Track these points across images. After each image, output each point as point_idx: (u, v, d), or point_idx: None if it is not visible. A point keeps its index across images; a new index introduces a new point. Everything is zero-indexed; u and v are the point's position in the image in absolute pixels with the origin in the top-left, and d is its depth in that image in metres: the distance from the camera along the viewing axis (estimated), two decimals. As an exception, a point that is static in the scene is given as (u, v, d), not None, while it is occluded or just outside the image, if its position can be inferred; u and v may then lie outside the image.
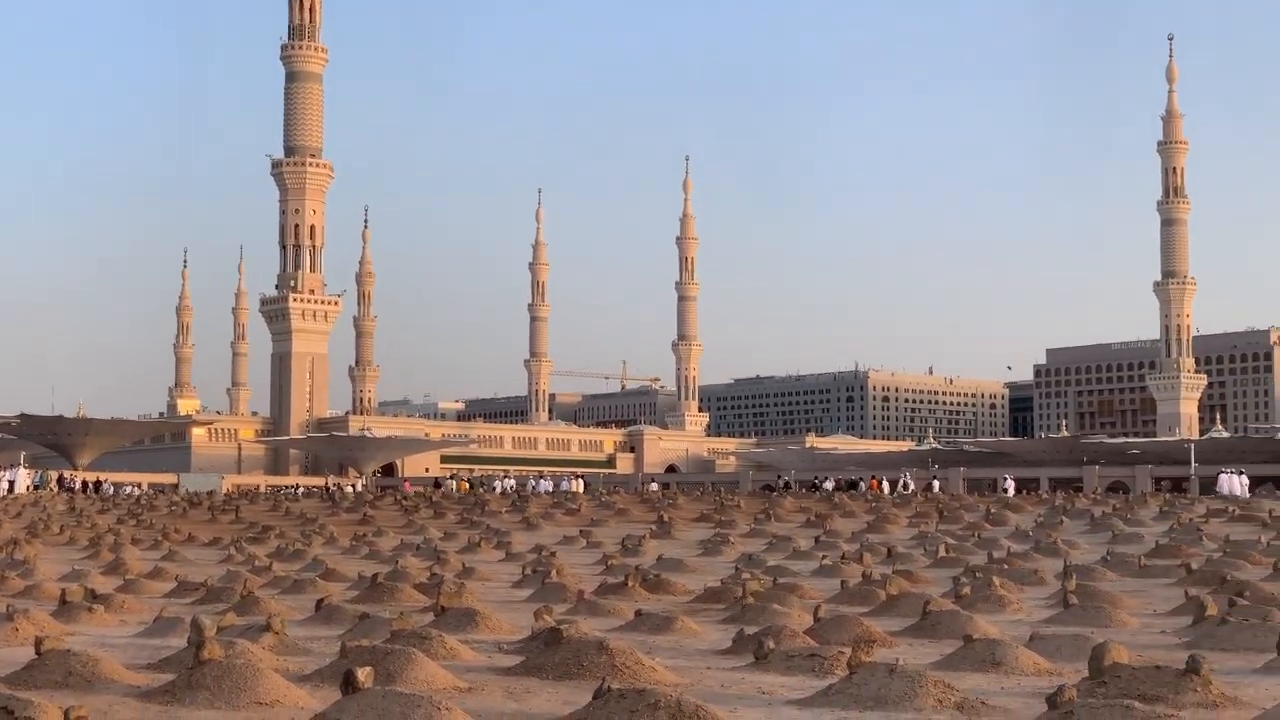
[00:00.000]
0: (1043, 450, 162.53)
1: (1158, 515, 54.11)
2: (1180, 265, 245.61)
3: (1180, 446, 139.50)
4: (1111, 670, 13.13)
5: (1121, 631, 20.11)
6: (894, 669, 13.29)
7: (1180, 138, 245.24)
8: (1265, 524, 47.16)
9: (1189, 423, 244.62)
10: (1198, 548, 37.83)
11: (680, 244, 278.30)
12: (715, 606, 24.12)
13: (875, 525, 49.82)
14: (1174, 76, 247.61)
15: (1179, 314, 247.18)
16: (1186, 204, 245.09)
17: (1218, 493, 75.81)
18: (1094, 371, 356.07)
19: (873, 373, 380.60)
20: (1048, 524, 48.70)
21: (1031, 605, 24.40)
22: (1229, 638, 18.06)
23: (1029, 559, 34.78)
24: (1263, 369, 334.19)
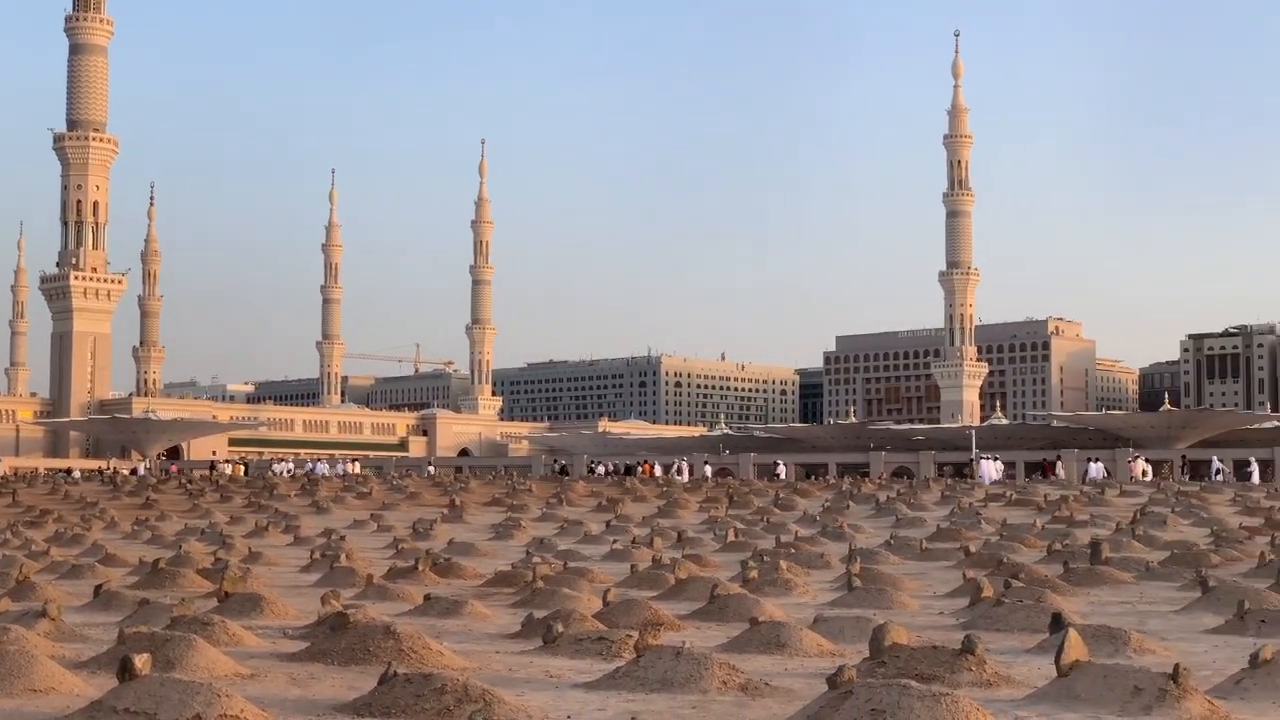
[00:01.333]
0: (831, 436, 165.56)
1: (939, 500, 55.44)
2: (964, 256, 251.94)
3: (962, 433, 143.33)
4: (891, 651, 13.41)
5: (902, 613, 20.55)
6: (680, 652, 13.41)
7: (965, 132, 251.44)
8: (1040, 508, 48.63)
9: (971, 410, 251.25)
10: (976, 531, 38.84)
11: (475, 227, 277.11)
12: (505, 590, 24.09)
13: (666, 510, 50.21)
14: (959, 72, 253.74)
15: (962, 304, 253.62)
16: (970, 196, 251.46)
17: (977, 479, 78.20)
18: (882, 359, 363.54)
19: (666, 358, 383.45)
20: (834, 509, 49.59)
21: (817, 588, 24.81)
22: (1004, 618, 18.57)
23: (816, 543, 35.35)
24: (1040, 358, 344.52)
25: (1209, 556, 29.74)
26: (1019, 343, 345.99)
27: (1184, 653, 15.94)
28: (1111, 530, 38.40)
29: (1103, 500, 53.38)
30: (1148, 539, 35.46)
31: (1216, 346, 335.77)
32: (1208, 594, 21.24)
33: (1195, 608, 20.83)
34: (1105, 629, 16.39)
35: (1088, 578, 25.23)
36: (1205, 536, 37.05)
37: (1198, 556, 29.54)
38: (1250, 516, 45.81)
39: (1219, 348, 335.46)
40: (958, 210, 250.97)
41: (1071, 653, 12.40)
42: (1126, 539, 34.96)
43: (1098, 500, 53.14)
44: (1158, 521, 41.44)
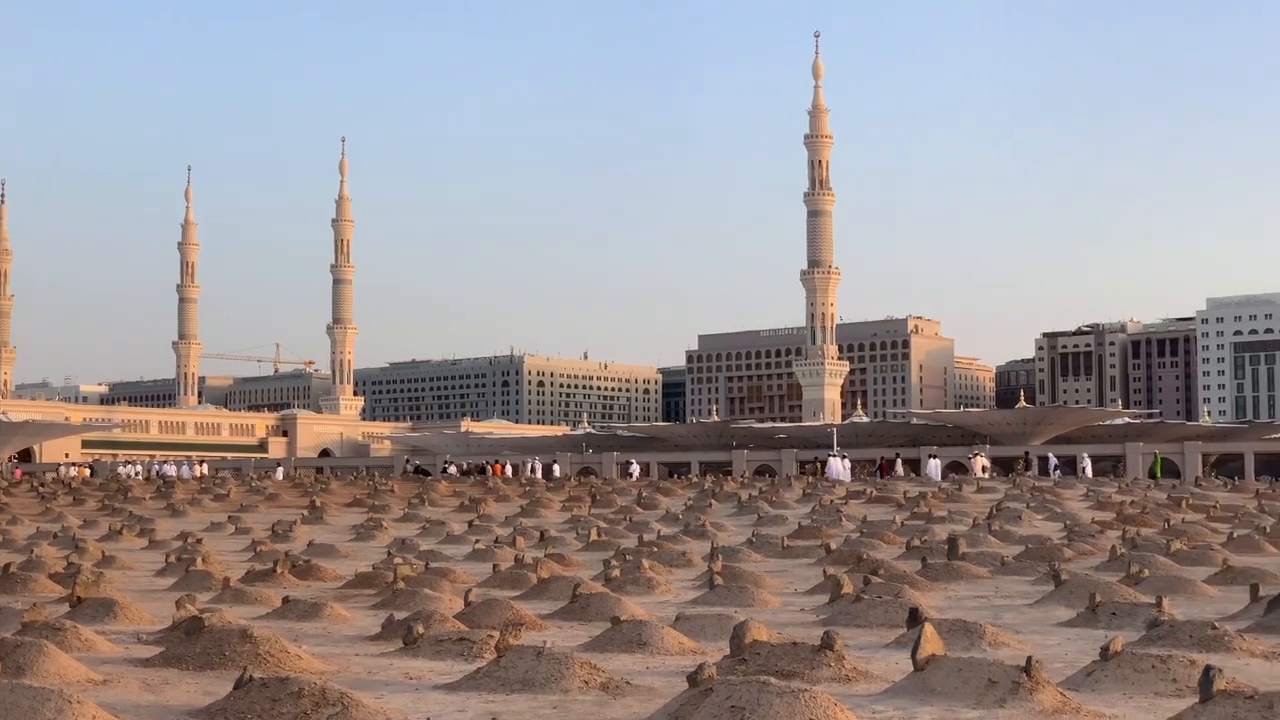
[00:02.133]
0: (694, 435, 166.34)
1: (801, 498, 55.90)
2: (825, 255, 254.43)
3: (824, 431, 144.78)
4: (752, 648, 13.48)
5: (763, 610, 20.68)
6: (541, 651, 13.37)
7: (825, 132, 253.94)
8: (900, 505, 49.24)
9: (832, 408, 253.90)
10: (837, 529, 39.20)
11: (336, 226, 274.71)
12: (366, 592, 23.86)
13: (529, 509, 50.09)
14: (820, 72, 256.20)
15: (824, 303, 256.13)
16: (831, 196, 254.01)
17: (825, 476, 79.31)
18: (744, 358, 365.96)
19: (529, 357, 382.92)
20: (697, 507, 49.79)
21: (679, 587, 24.87)
22: (863, 614, 18.75)
23: (678, 542, 35.45)
24: (900, 356, 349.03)
25: (1062, 551, 30.32)
26: (879, 341, 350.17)
27: (1037, 645, 16.22)
28: (969, 526, 38.99)
29: (960, 497, 54.20)
30: (1003, 534, 36.06)
31: (1070, 345, 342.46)
32: (1061, 588, 21.64)
33: (1048, 601, 21.21)
34: (961, 623, 16.62)
35: (945, 573, 25.59)
36: (1059, 531, 37.79)
37: (1051, 551, 30.10)
38: (1102, 511, 46.78)
39: (1072, 346, 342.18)
40: (818, 210, 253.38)
41: (927, 647, 12.56)
42: (983, 534, 35.54)
43: (956, 497, 53.94)
44: (1013, 517, 42.15)
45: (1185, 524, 39.43)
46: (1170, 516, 42.44)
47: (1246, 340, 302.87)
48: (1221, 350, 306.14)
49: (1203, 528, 38.40)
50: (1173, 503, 49.04)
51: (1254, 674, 13.79)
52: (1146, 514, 43.45)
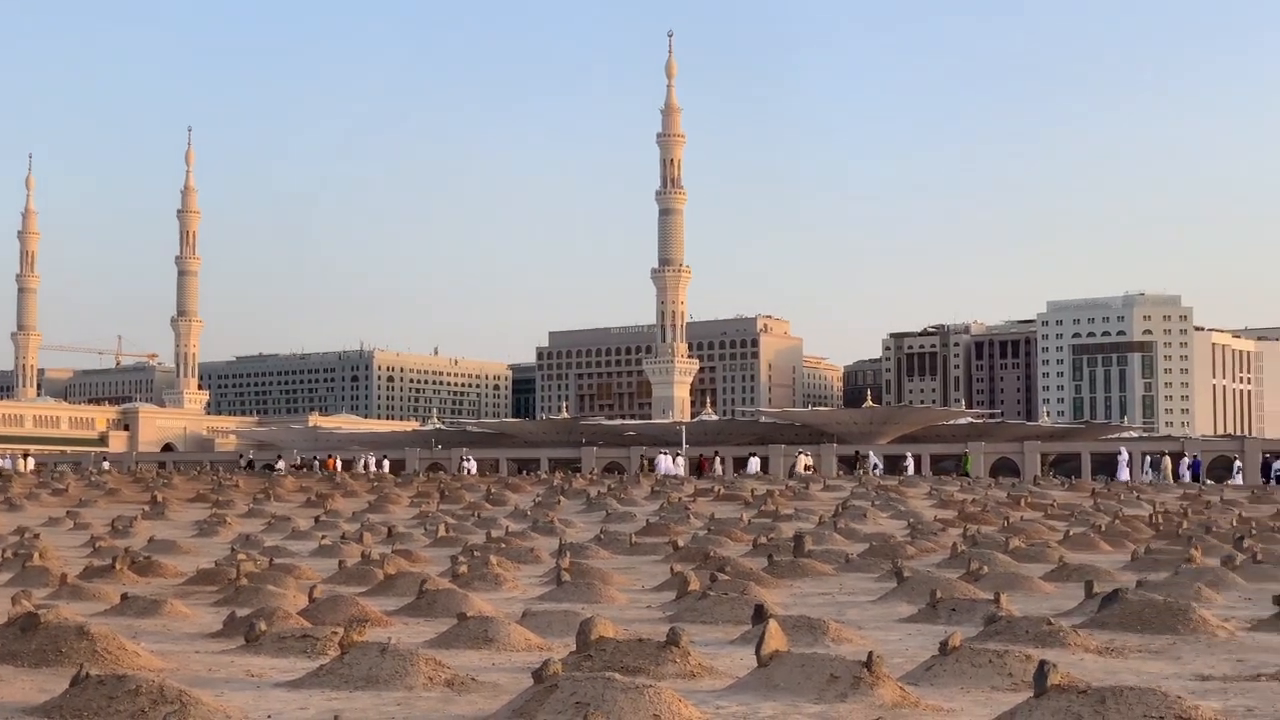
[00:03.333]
0: (543, 432, 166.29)
1: (649, 495, 56.12)
2: (676, 254, 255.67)
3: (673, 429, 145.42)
4: (598, 644, 13.51)
5: (611, 607, 20.73)
6: (386, 648, 13.28)
7: (678, 131, 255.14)
8: (747, 503, 49.63)
9: (682, 406, 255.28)
10: (685, 526, 39.43)
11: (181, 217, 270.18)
12: (208, 589, 23.51)
13: (377, 505, 49.70)
14: (673, 72, 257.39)
15: (674, 301, 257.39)
16: (683, 194, 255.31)
17: (655, 472, 79.99)
18: (594, 355, 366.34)
19: (379, 352, 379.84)
20: (546, 504, 49.76)
21: (527, 583, 24.86)
22: (709, 611, 18.88)
23: (527, 538, 35.42)
24: (750, 355, 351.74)
25: (905, 548, 30.79)
26: (729, 340, 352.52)
27: (879, 641, 16.45)
28: (815, 524, 39.43)
29: (807, 495, 54.77)
30: (848, 532, 36.53)
31: (916, 345, 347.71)
32: (903, 584, 21.98)
33: (891, 597, 21.53)
34: (805, 619, 16.82)
35: (791, 570, 25.87)
36: (903, 529, 38.35)
37: (894, 548, 30.56)
38: (945, 509, 47.55)
39: (918, 346, 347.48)
40: (670, 208, 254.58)
41: (771, 643, 12.68)
42: (828, 532, 35.98)
43: (803, 495, 54.50)
44: (858, 515, 42.71)
45: (1024, 522, 40.25)
46: (1009, 515, 43.28)
47: (1085, 343, 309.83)
48: (1060, 352, 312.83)
49: (1040, 526, 39.24)
50: (1012, 501, 50.03)
51: (1088, 669, 14.12)
52: (987, 512, 44.27)
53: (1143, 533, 36.73)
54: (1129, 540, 34.02)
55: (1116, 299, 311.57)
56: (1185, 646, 16.25)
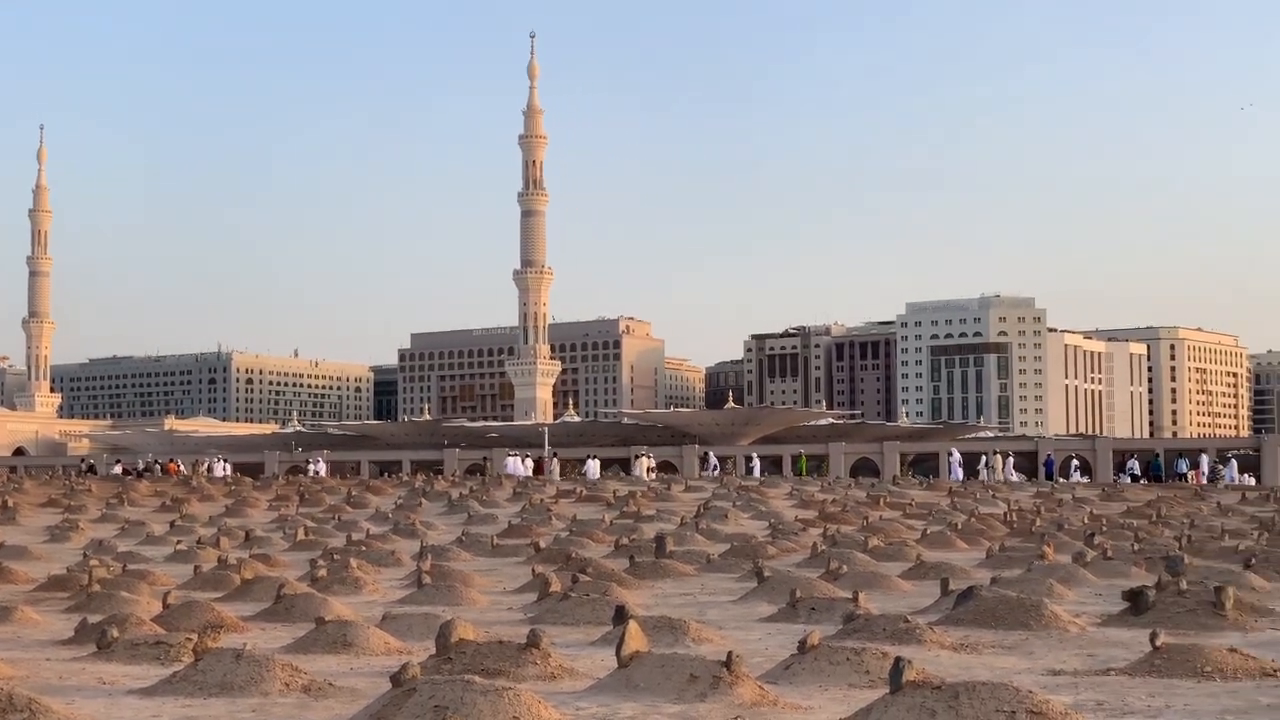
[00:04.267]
0: (405, 433, 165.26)
1: (511, 496, 55.98)
2: (538, 255, 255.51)
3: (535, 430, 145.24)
4: (458, 647, 13.44)
5: (472, 609, 20.65)
6: (241, 654, 13.10)
7: (540, 132, 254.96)
8: (610, 504, 49.71)
9: (544, 407, 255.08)
10: (547, 527, 39.40)
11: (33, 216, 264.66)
12: (59, 595, 23.04)
13: (234, 509, 49.03)
14: (535, 73, 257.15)
15: (536, 302, 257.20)
16: (545, 196, 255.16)
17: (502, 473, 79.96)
18: (457, 356, 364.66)
19: (237, 355, 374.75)
20: (407, 506, 49.43)
21: (387, 586, 24.68)
22: (570, 612, 18.89)
23: (388, 541, 35.17)
24: (612, 357, 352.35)
25: (766, 548, 31.04)
26: (591, 341, 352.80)
27: (739, 641, 16.54)
28: (677, 524, 39.58)
29: (669, 495, 54.98)
30: (710, 532, 36.74)
31: (777, 347, 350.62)
32: (763, 584, 22.15)
33: (751, 597, 21.69)
34: (666, 620, 16.88)
35: (652, 571, 25.96)
36: (764, 529, 38.66)
37: (755, 548, 30.79)
38: (805, 509, 47.98)
39: (779, 348, 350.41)
40: (532, 210, 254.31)
41: (631, 644, 12.70)
42: (690, 532, 36.16)
43: (665, 496, 54.70)
44: (719, 515, 42.95)
45: (883, 521, 40.78)
46: (869, 514, 43.81)
47: (943, 344, 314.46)
48: (919, 353, 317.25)
49: (899, 525, 39.78)
50: (871, 501, 50.63)
51: (943, 665, 14.33)
52: (847, 512, 44.77)
53: (998, 531, 37.38)
54: (985, 538, 34.59)
55: (973, 301, 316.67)
56: (1038, 642, 16.56)
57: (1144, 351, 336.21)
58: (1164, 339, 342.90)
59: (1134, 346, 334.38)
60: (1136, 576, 24.09)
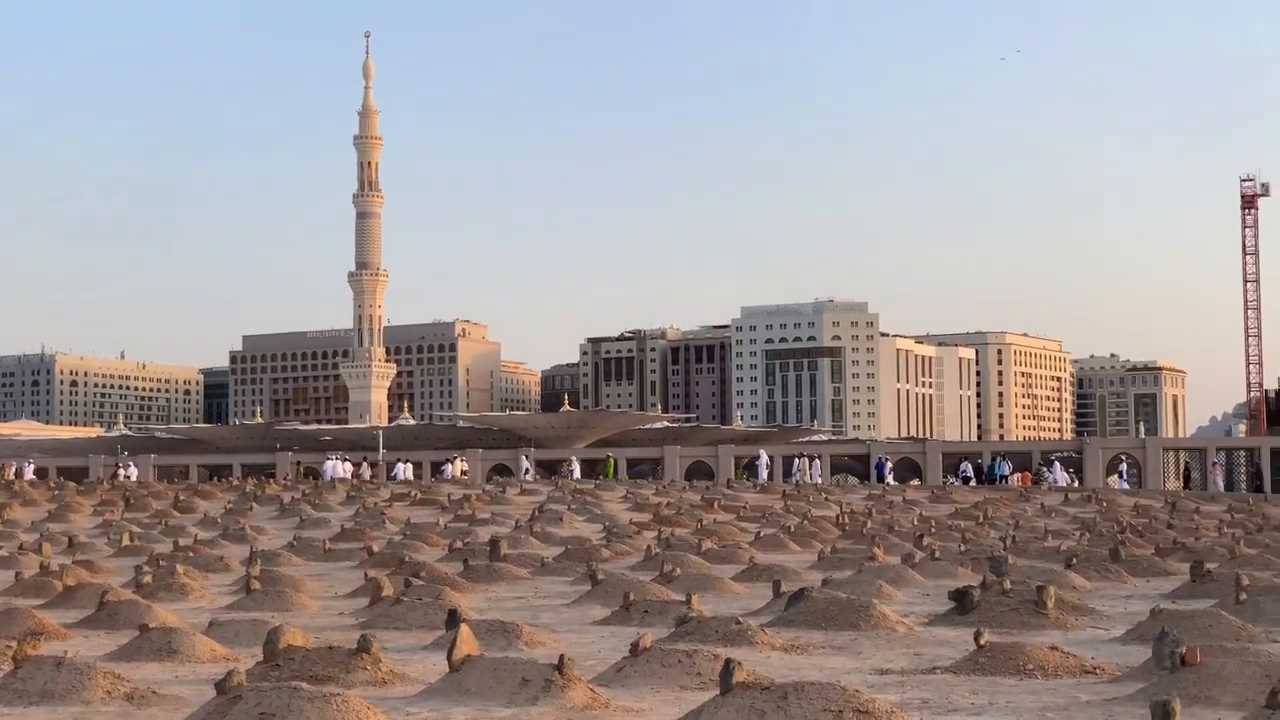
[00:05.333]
0: (236, 437, 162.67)
1: (345, 500, 55.38)
2: (373, 257, 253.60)
3: (370, 433, 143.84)
4: (286, 653, 13.26)
5: (302, 614, 20.40)
6: (62, 662, 12.79)
7: (375, 133, 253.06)
8: (444, 507, 49.40)
9: (379, 410, 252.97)
10: (380, 531, 39.05)
11: None
12: None
13: (57, 514, 47.87)
14: (370, 73, 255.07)
15: (371, 305, 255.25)
16: (380, 198, 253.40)
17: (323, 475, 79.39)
18: (290, 359, 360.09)
19: (61, 356, 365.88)
20: (237, 510, 48.65)
21: (215, 592, 24.28)
22: (403, 617, 18.75)
23: (216, 546, 34.60)
24: (448, 359, 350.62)
25: (600, 551, 31.11)
26: (427, 344, 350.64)
27: (573, 644, 16.55)
28: (511, 528, 39.47)
29: (504, 499, 54.78)
30: (545, 535, 36.71)
31: (613, 350, 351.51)
32: (597, 587, 22.18)
33: (585, 600, 21.71)
34: (499, 623, 16.82)
35: (486, 574, 25.87)
36: (598, 532, 38.70)
37: (590, 551, 30.84)
38: (640, 512, 48.12)
39: (615, 351, 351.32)
40: (367, 211, 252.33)
41: (463, 648, 12.64)
42: (525, 536, 36.09)
43: (499, 499, 54.48)
44: (554, 519, 42.92)
45: (717, 524, 41.06)
46: (703, 517, 44.08)
47: (777, 348, 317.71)
48: (754, 357, 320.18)
49: (733, 528, 40.09)
50: (706, 504, 50.92)
51: (774, 666, 14.46)
52: (681, 515, 45.00)
53: (830, 533, 37.87)
54: (817, 540, 35.02)
55: (807, 305, 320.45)
56: (866, 642, 16.79)
57: (973, 356, 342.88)
58: (992, 344, 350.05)
59: (963, 351, 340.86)
60: (963, 577, 24.54)
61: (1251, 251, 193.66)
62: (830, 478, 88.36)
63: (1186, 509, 49.05)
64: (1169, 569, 27.00)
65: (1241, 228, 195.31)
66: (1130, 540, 33.39)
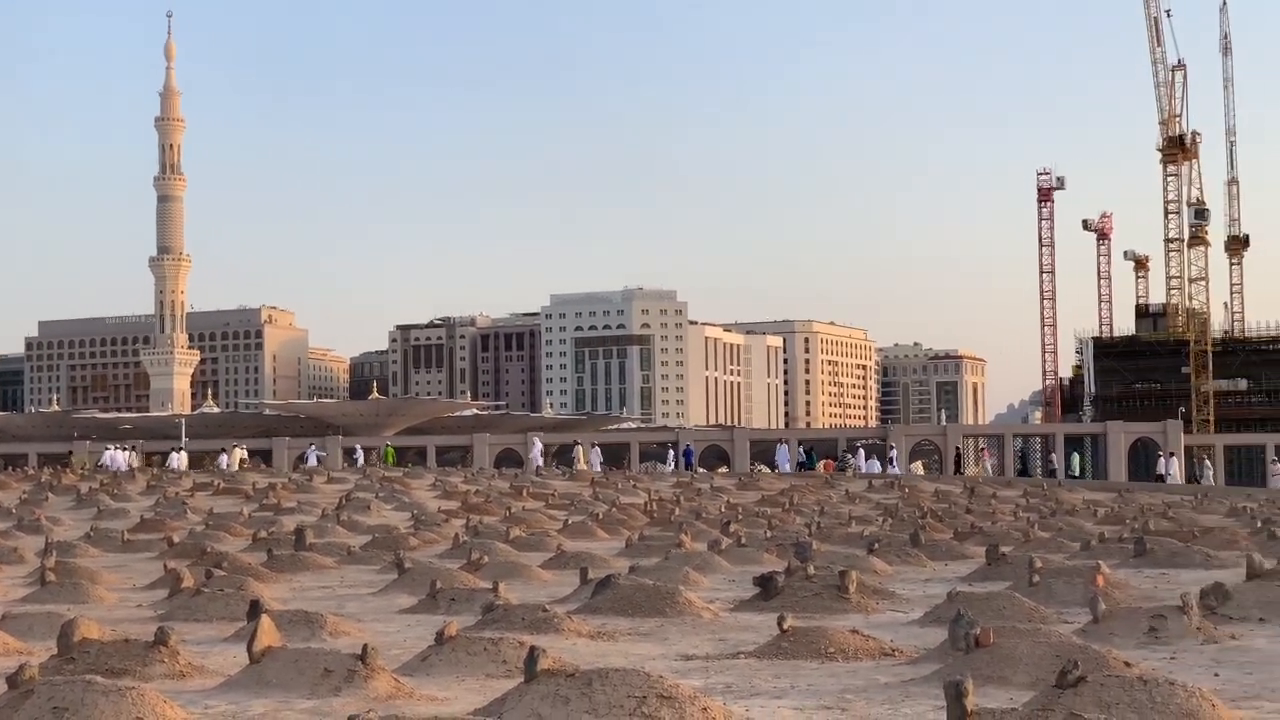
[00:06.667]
0: (32, 425, 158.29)
1: (145, 490, 54.24)
2: (175, 242, 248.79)
3: (172, 422, 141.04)
4: (81, 646, 12.96)
5: (99, 607, 19.94)
6: None
7: (178, 115, 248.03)
8: (249, 497, 48.67)
9: (182, 398, 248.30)
10: (181, 521, 38.33)
11: None
12: None
13: None
14: (172, 54, 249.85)
15: (173, 290, 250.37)
16: (183, 181, 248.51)
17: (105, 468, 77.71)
18: (88, 346, 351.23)
19: None
20: (32, 501, 47.35)
21: (8, 585, 23.64)
22: (203, 608, 18.43)
23: (10, 537, 33.69)
24: (254, 346, 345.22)
25: (408, 539, 30.92)
26: (232, 331, 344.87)
27: (378, 633, 16.42)
28: (318, 517, 39.01)
29: (311, 488, 54.14)
30: (352, 524, 36.36)
31: (422, 337, 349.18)
32: (404, 575, 22.04)
33: (392, 589, 21.56)
34: (303, 614, 16.62)
35: (291, 564, 25.54)
36: (406, 520, 38.45)
37: (397, 540, 30.62)
38: (449, 500, 47.94)
39: (425, 339, 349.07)
40: (169, 195, 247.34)
41: (264, 639, 12.46)
42: (331, 525, 35.69)
43: (306, 488, 53.83)
44: (362, 507, 42.55)
45: (525, 511, 41.06)
46: (512, 505, 44.05)
47: (586, 335, 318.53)
48: (564, 345, 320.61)
49: (541, 515, 40.11)
50: (515, 491, 50.89)
51: (580, 653, 14.50)
52: (490, 503, 44.92)
53: (638, 520, 38.11)
54: (625, 527, 35.20)
55: (616, 293, 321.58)
56: (672, 628, 16.93)
57: (780, 344, 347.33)
58: (799, 332, 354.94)
59: (771, 339, 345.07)
60: (768, 562, 24.86)
61: (1047, 243, 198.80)
62: (640, 465, 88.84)
63: (985, 494, 50.31)
64: (966, 553, 27.65)
65: (1038, 220, 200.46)
66: (930, 525, 34.14)
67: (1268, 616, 16.67)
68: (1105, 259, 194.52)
